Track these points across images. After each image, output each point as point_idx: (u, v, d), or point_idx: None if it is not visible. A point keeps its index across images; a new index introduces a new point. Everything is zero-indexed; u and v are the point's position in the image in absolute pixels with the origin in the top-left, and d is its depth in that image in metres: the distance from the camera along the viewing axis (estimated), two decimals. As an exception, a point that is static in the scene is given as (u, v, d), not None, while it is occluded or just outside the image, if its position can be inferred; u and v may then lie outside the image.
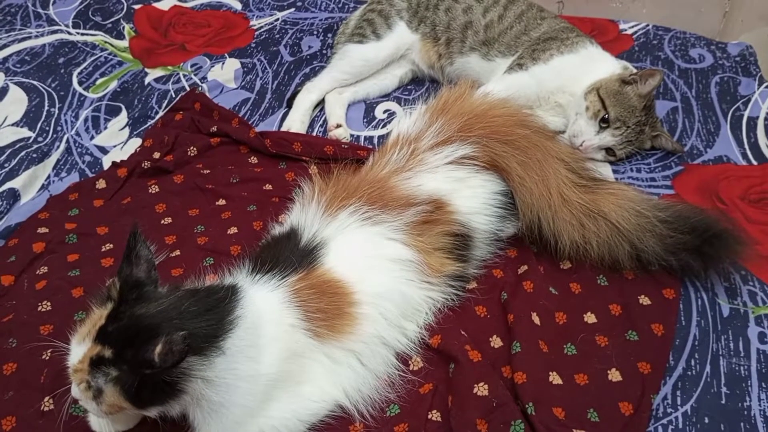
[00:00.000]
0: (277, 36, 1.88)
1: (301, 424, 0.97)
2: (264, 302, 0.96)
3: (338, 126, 1.57)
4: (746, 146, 1.51)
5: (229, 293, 0.92)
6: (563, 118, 1.50)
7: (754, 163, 1.46)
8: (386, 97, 1.69)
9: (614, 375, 1.04)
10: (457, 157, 1.16)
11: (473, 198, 1.16)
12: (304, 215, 1.11)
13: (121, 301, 0.86)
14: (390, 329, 1.04)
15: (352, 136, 1.57)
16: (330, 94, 1.64)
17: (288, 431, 0.95)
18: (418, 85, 1.71)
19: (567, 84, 1.47)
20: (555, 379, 1.03)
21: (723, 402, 1.03)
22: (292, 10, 1.99)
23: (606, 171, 1.42)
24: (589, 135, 1.41)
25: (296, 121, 1.58)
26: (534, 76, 1.47)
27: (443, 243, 1.12)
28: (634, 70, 1.45)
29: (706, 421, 1.01)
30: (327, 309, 0.99)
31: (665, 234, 1.13)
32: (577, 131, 1.42)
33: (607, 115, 1.38)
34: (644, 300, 1.15)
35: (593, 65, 1.47)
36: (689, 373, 1.07)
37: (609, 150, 1.43)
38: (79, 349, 0.85)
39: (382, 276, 1.06)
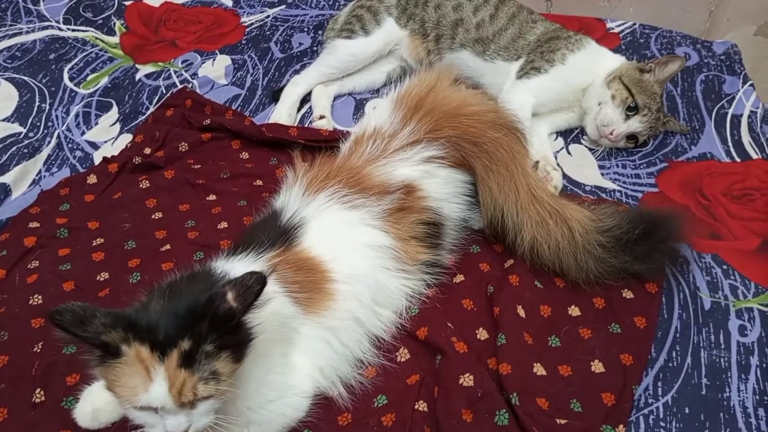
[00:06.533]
0: (268, 33, 1.89)
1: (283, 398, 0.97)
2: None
3: (321, 117, 1.58)
4: (730, 144, 1.53)
5: (206, 271, 0.95)
6: (573, 113, 1.56)
7: (737, 160, 1.49)
8: (376, 93, 1.70)
9: (597, 366, 1.06)
10: (426, 156, 1.17)
11: (443, 186, 1.19)
12: (286, 196, 1.13)
13: (134, 325, 0.80)
14: (364, 310, 1.05)
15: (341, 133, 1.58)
16: (317, 87, 1.66)
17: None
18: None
19: (587, 79, 1.52)
20: (539, 370, 1.05)
21: (703, 393, 1.05)
22: (283, 7, 2.00)
23: (557, 179, 1.43)
24: (618, 123, 1.46)
25: (283, 114, 1.60)
26: (557, 78, 1.50)
27: (417, 231, 1.14)
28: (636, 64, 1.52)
29: (687, 411, 1.03)
30: (304, 282, 1.00)
31: (603, 257, 1.13)
32: (606, 120, 1.46)
33: (634, 103, 1.43)
34: (627, 294, 1.17)
35: (601, 58, 1.54)
36: (670, 364, 1.09)
37: (631, 136, 1.48)
38: (158, 390, 0.78)
39: (358, 260, 1.07)
